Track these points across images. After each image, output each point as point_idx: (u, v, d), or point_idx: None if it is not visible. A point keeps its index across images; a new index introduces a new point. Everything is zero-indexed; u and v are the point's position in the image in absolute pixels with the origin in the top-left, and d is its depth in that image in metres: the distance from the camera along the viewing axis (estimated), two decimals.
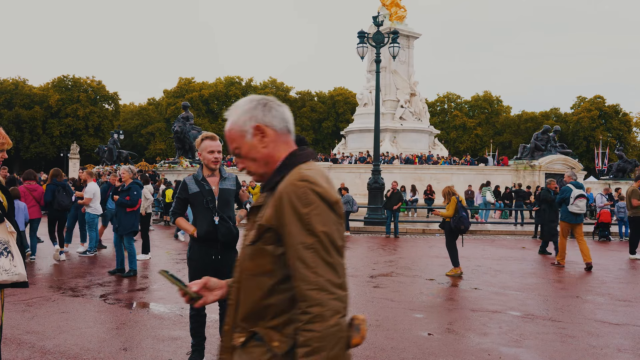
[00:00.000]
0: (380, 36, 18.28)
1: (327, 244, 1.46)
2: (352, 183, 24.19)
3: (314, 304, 1.42)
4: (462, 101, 70.93)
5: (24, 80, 62.08)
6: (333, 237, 1.48)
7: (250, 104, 1.65)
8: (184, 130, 25.76)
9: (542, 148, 27.55)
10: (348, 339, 1.47)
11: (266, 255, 1.54)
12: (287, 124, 1.66)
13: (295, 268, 1.46)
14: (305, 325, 1.42)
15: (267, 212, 1.54)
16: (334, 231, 1.49)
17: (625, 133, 64.15)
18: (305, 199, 1.48)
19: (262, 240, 1.55)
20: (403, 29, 32.40)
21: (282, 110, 1.66)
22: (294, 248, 1.46)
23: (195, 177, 4.28)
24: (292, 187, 1.50)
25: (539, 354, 4.90)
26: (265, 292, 1.54)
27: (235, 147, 1.65)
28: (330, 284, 1.44)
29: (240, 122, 1.64)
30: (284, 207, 1.49)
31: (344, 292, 1.47)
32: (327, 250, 1.46)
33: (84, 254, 10.47)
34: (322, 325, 1.41)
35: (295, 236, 1.46)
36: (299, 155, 1.63)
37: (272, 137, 1.63)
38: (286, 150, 1.64)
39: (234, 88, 66.26)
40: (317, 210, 1.47)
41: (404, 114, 33.61)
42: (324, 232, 1.46)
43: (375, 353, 4.80)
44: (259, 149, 1.63)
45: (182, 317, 5.83)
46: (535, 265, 10.40)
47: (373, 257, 11.19)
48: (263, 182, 1.66)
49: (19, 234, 3.24)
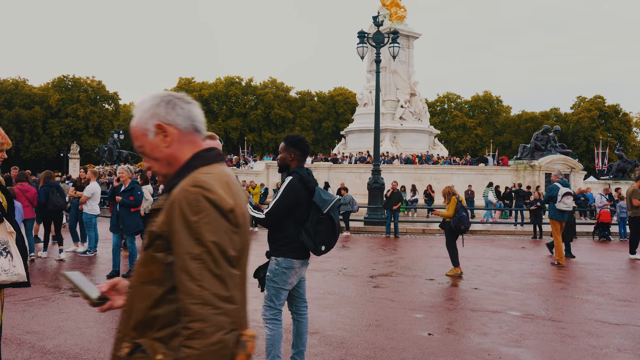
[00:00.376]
0: (380, 36, 18.28)
1: (216, 254, 1.38)
2: (352, 183, 24.20)
3: (196, 319, 1.34)
4: (462, 101, 70.94)
5: (24, 80, 62.11)
6: (224, 248, 1.40)
7: (153, 101, 1.57)
8: None
9: (542, 148, 27.56)
10: (232, 356, 1.38)
11: (156, 262, 1.47)
12: (193, 123, 1.58)
13: (180, 280, 1.39)
14: (186, 341, 1.35)
15: (160, 217, 1.47)
16: (225, 241, 1.41)
17: (625, 133, 64.15)
18: (196, 206, 1.40)
19: (153, 247, 1.48)
20: (403, 29, 32.40)
21: (188, 108, 1.58)
22: (181, 258, 1.39)
23: None
24: (184, 193, 1.42)
25: (539, 354, 4.90)
26: (154, 302, 1.47)
27: (139, 146, 1.58)
28: (216, 298, 1.36)
29: (142, 120, 1.56)
30: (174, 214, 1.41)
31: (231, 306, 1.39)
32: (216, 261, 1.38)
33: (84, 254, 10.47)
34: (202, 342, 1.34)
35: (182, 245, 1.38)
36: (203, 156, 1.55)
37: (176, 136, 1.55)
38: (191, 150, 1.56)
39: (234, 88, 66.28)
40: (208, 218, 1.39)
41: (404, 114, 33.62)
42: (214, 242, 1.38)
43: (375, 353, 4.80)
44: (162, 149, 1.56)
45: None
46: (535, 265, 10.40)
47: (373, 257, 11.19)
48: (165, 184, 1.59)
49: (19, 234, 3.24)
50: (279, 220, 3.80)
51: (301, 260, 3.86)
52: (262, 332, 3.93)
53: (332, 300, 6.92)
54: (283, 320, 3.91)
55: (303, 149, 3.90)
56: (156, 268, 1.47)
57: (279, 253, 3.81)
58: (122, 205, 8.33)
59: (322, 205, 3.74)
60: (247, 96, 67.96)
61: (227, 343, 1.37)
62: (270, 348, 3.82)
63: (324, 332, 5.39)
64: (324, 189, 4.03)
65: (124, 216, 8.36)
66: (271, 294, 3.82)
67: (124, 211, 8.36)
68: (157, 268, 1.47)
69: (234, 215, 1.45)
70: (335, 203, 3.82)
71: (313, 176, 3.95)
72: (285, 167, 3.95)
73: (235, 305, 1.41)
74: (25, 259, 3.21)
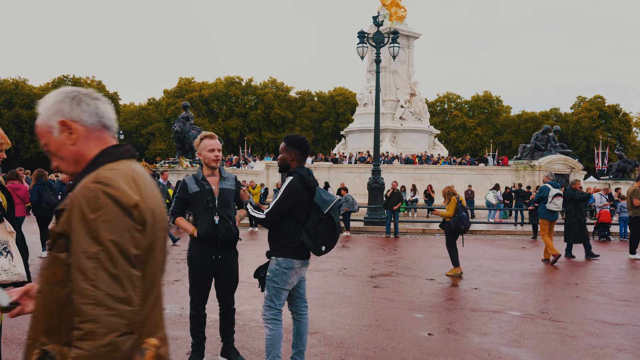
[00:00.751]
0: (380, 36, 18.28)
1: (114, 253, 1.33)
2: (352, 183, 24.21)
3: (87, 320, 1.30)
4: (462, 101, 70.95)
5: (24, 80, 62.08)
6: (124, 246, 1.35)
7: (57, 97, 1.52)
8: (184, 130, 25.76)
9: (542, 148, 27.56)
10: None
11: (59, 263, 1.41)
12: (101, 119, 1.54)
13: (74, 279, 1.34)
14: (76, 342, 1.31)
15: (63, 216, 1.43)
16: (125, 239, 1.36)
17: (625, 133, 64.15)
18: (95, 203, 1.35)
19: (56, 247, 1.43)
20: (403, 29, 32.41)
21: (95, 105, 1.54)
22: (76, 257, 1.34)
23: (195, 176, 4.27)
24: (84, 190, 1.38)
25: (538, 354, 4.90)
26: (59, 304, 1.41)
27: (45, 144, 1.53)
28: (110, 299, 1.31)
29: (46, 117, 1.51)
30: (74, 211, 1.37)
31: (127, 308, 1.34)
32: (113, 260, 1.33)
33: None
34: (92, 343, 1.29)
35: (79, 244, 1.34)
36: (110, 153, 1.51)
37: (82, 133, 1.51)
38: (99, 147, 1.52)
39: (234, 88, 66.28)
40: (107, 216, 1.35)
41: (404, 114, 33.62)
42: (112, 241, 1.34)
43: (375, 353, 4.80)
44: (67, 147, 1.51)
45: (182, 317, 5.83)
46: (535, 265, 10.40)
47: (373, 257, 11.19)
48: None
49: (19, 234, 3.24)
50: (280, 220, 3.80)
51: (301, 261, 3.86)
52: (262, 332, 3.93)
53: (332, 300, 6.92)
54: (283, 320, 3.91)
55: (303, 149, 3.90)
56: (59, 269, 1.41)
57: (279, 253, 3.81)
58: None
59: (322, 205, 3.74)
60: (247, 96, 67.95)
61: (120, 346, 1.32)
62: (270, 348, 3.82)
63: (324, 332, 5.40)
64: (324, 189, 4.03)
65: None
66: (271, 294, 3.82)
67: None
68: (59, 269, 1.41)
69: (139, 212, 1.41)
70: (336, 203, 3.82)
71: (313, 176, 3.95)
72: (286, 167, 3.95)
73: (132, 307, 1.35)
74: (25, 258, 3.22)
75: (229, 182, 4.30)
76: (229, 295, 4.34)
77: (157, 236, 1.50)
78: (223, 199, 4.23)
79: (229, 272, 4.27)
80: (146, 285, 1.45)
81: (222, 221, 4.13)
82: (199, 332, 4.34)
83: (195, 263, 4.21)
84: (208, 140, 4.21)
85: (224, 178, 4.30)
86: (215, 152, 4.19)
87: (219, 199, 4.20)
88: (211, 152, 4.18)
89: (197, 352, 4.33)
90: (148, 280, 1.46)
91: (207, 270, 4.20)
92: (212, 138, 4.24)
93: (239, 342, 4.80)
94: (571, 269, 10.14)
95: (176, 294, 7.01)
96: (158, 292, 1.55)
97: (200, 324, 4.33)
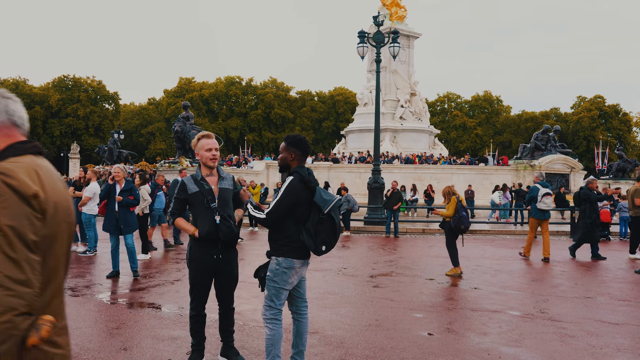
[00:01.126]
0: (381, 36, 18.28)
1: (12, 238, 1.42)
2: (352, 183, 24.22)
3: None
4: (462, 101, 70.97)
5: (24, 80, 62.12)
6: (22, 232, 1.45)
7: None
8: (184, 130, 25.77)
9: (542, 148, 27.57)
10: (22, 338, 1.44)
11: None
12: (11, 117, 1.64)
13: None
14: None
15: None
16: (24, 225, 1.46)
17: (625, 133, 64.18)
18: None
19: None
20: (403, 29, 32.43)
21: (5, 103, 1.63)
22: None
23: (194, 177, 4.27)
24: None
25: (538, 353, 4.90)
26: None
27: None
28: (9, 280, 1.40)
29: None
30: None
31: (27, 289, 1.43)
32: (12, 244, 1.42)
33: (84, 253, 10.47)
34: None
35: None
36: (16, 148, 1.61)
37: None
38: (5, 142, 1.62)
39: (234, 88, 66.30)
40: (5, 203, 1.44)
41: (404, 113, 33.64)
42: (10, 226, 1.43)
43: (375, 353, 4.80)
44: None
45: (182, 316, 5.83)
46: (535, 265, 10.41)
47: (373, 257, 11.19)
48: None
49: None
50: (280, 220, 3.80)
51: (302, 260, 3.86)
52: (262, 331, 3.93)
53: (332, 300, 6.92)
54: (283, 320, 3.91)
55: (304, 148, 3.90)
56: None
57: (279, 253, 3.82)
58: (123, 204, 8.25)
59: (323, 205, 3.74)
60: (247, 96, 67.98)
61: (17, 324, 1.40)
62: (270, 348, 3.82)
63: (324, 332, 5.40)
64: (324, 189, 4.03)
65: (125, 216, 8.26)
66: (271, 294, 3.82)
67: (124, 211, 8.28)
68: None
69: (38, 202, 1.50)
70: (336, 203, 3.82)
71: (314, 176, 3.95)
72: (286, 167, 3.95)
73: (31, 289, 1.44)
74: None
75: (227, 182, 4.31)
76: (229, 295, 4.35)
77: (60, 228, 1.60)
78: (223, 198, 4.23)
79: (229, 271, 4.27)
80: (47, 273, 1.55)
81: (223, 221, 4.13)
82: (199, 332, 4.34)
83: (196, 263, 4.20)
84: (205, 139, 4.21)
85: (223, 178, 4.30)
86: (213, 151, 4.19)
87: (218, 198, 4.20)
88: (208, 152, 4.18)
89: (197, 352, 4.34)
90: (49, 269, 1.56)
91: (208, 271, 4.21)
92: (209, 137, 4.24)
93: (238, 341, 4.80)
94: (571, 268, 10.14)
95: (176, 294, 7.01)
96: (60, 283, 1.64)
97: (200, 324, 4.33)
